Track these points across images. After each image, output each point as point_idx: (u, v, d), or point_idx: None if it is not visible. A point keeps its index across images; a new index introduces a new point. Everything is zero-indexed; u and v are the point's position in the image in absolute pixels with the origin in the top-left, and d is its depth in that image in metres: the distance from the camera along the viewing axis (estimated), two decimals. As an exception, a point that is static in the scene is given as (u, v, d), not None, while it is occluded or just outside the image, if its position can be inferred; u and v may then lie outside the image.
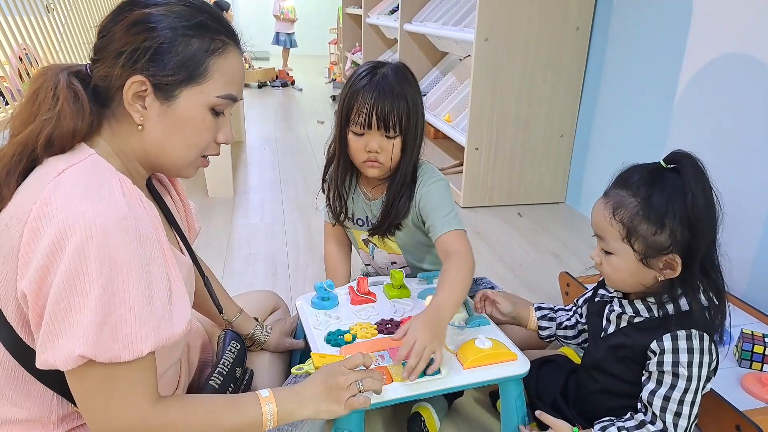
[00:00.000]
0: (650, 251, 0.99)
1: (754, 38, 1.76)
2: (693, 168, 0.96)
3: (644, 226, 0.98)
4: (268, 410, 0.89)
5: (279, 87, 7.07)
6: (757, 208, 1.76)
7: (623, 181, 1.03)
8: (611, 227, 1.01)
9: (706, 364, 1.00)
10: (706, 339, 1.00)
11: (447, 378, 1.08)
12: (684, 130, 2.08)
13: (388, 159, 1.32)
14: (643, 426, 1.02)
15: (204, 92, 0.83)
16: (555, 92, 2.70)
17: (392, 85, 1.27)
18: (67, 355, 0.71)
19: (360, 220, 1.49)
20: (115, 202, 0.74)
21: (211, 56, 0.82)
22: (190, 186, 3.02)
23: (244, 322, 1.27)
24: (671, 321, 1.01)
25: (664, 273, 1.01)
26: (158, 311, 0.76)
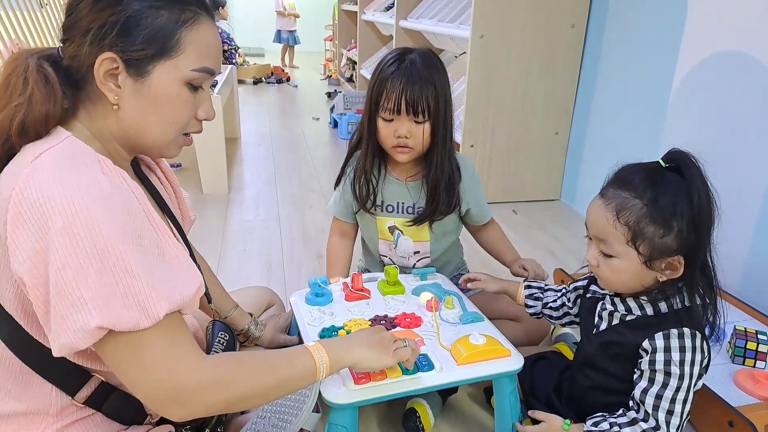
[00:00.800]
0: (656, 253, 0.97)
1: (750, 36, 1.77)
2: (696, 169, 0.95)
3: (651, 229, 0.96)
4: (319, 356, 0.89)
5: (274, 83, 7.05)
6: (751, 205, 1.77)
7: (623, 181, 1.00)
8: (615, 230, 0.98)
9: (698, 363, 1.00)
10: (698, 337, 1.00)
11: (441, 374, 1.08)
12: (678, 127, 2.08)
13: (418, 143, 1.36)
14: (635, 423, 1.02)
15: (178, 66, 0.80)
16: (550, 90, 2.71)
17: (420, 71, 1.30)
18: (83, 330, 0.69)
19: (390, 206, 1.48)
20: (95, 179, 0.73)
21: (182, 27, 0.79)
22: (184, 182, 3.01)
23: (239, 317, 1.27)
24: (663, 319, 1.01)
25: (666, 274, 1.00)
26: (163, 276, 0.74)
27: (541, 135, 2.79)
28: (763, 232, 1.74)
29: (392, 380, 1.05)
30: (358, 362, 0.95)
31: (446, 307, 1.29)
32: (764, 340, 1.38)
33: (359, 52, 5.60)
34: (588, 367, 1.15)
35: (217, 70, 0.87)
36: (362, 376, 1.04)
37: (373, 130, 1.39)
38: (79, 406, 0.85)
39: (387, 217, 1.50)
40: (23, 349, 0.80)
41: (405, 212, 1.49)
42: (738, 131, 1.82)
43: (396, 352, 0.98)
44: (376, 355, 0.95)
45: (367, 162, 1.44)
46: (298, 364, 0.87)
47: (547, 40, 2.61)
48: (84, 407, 0.86)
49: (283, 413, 1.04)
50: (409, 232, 1.50)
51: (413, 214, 1.48)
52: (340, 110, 4.41)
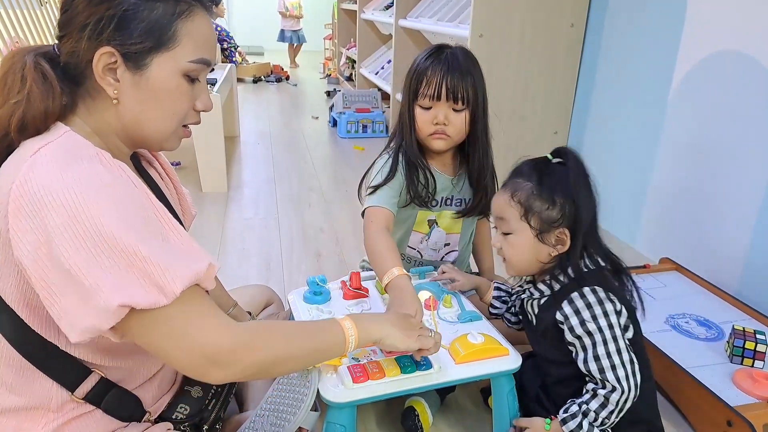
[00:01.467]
0: (545, 226, 1.11)
1: (749, 36, 1.77)
2: (575, 159, 1.13)
3: (538, 203, 1.11)
4: (349, 328, 0.92)
5: (273, 82, 7.05)
6: (749, 205, 1.77)
7: (517, 171, 1.18)
8: (511, 207, 1.13)
9: (611, 312, 1.07)
10: (598, 290, 1.07)
11: (439, 372, 1.08)
12: (677, 126, 2.08)
13: (456, 131, 1.37)
14: (597, 394, 1.06)
15: (175, 58, 0.81)
16: (549, 89, 2.71)
17: (461, 62, 1.34)
18: (106, 310, 0.69)
19: (435, 201, 1.48)
20: (94, 171, 0.73)
21: (178, 20, 0.80)
22: (183, 180, 2.99)
23: (238, 315, 1.27)
24: (564, 290, 1.11)
25: (557, 248, 1.12)
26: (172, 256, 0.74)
27: (540, 134, 2.79)
28: (761, 231, 1.74)
29: (390, 379, 1.05)
30: (384, 338, 0.98)
31: (444, 306, 1.29)
32: (762, 339, 1.39)
33: (358, 51, 5.59)
34: (544, 364, 1.19)
35: (214, 61, 0.88)
36: (360, 374, 1.04)
37: (412, 122, 1.39)
38: (78, 401, 0.85)
39: (431, 210, 1.50)
40: (24, 343, 0.80)
41: (445, 204, 1.50)
42: (737, 130, 1.82)
43: (420, 338, 1.01)
44: (402, 336, 0.99)
45: (417, 153, 1.41)
46: (329, 333, 0.91)
47: (546, 39, 2.60)
48: (84, 403, 0.86)
49: (281, 411, 1.04)
50: (444, 224, 1.51)
51: (451, 206, 1.50)
52: (339, 109, 4.40)
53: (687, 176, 2.04)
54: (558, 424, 1.10)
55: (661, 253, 2.06)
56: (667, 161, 2.14)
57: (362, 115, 4.24)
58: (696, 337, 1.52)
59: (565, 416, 1.09)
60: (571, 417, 1.08)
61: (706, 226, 1.95)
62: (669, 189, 2.13)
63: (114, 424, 0.90)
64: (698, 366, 1.38)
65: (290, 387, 1.06)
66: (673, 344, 1.46)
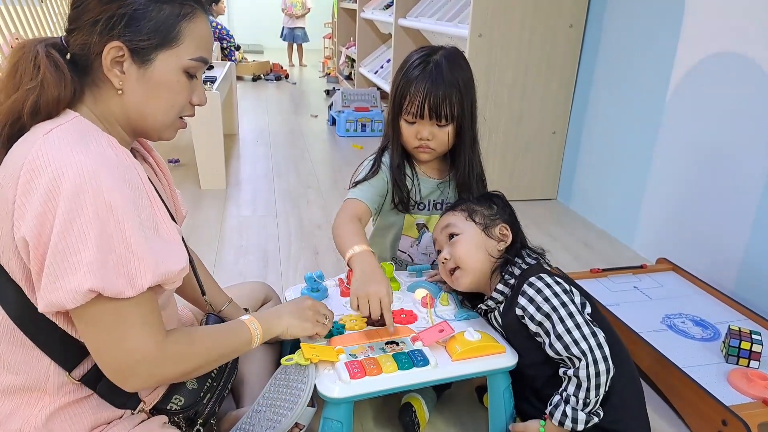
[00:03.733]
0: (488, 220, 1.25)
1: (746, 36, 1.77)
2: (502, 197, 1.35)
3: (480, 207, 1.28)
4: (254, 327, 1.01)
5: (272, 80, 7.05)
6: (746, 206, 1.78)
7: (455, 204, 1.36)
8: (455, 215, 1.28)
9: (561, 292, 1.10)
10: (544, 276, 1.13)
11: (436, 369, 1.09)
12: (675, 128, 2.09)
13: (440, 145, 1.38)
14: (570, 377, 1.07)
15: (178, 55, 0.88)
16: (548, 89, 2.71)
17: (444, 75, 1.31)
18: (75, 291, 0.75)
19: (422, 204, 1.49)
20: (103, 152, 0.79)
21: (182, 20, 0.87)
22: (182, 178, 3.02)
23: (234, 312, 1.27)
24: (516, 287, 1.15)
25: (501, 243, 1.24)
26: (154, 249, 0.80)
27: (538, 134, 2.79)
28: (758, 232, 1.75)
29: (387, 375, 1.05)
30: (286, 330, 1.07)
31: (441, 304, 1.30)
32: (758, 339, 1.39)
33: (358, 50, 5.60)
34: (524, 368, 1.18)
35: (210, 60, 0.95)
36: (358, 370, 1.04)
37: (397, 131, 1.40)
38: (75, 383, 0.87)
39: (419, 214, 1.50)
40: (23, 317, 0.83)
41: (434, 208, 1.50)
42: (734, 131, 1.83)
43: (316, 324, 1.11)
44: (300, 323, 1.08)
45: (401, 161, 1.43)
46: (237, 337, 0.99)
47: (545, 39, 2.61)
48: (80, 386, 0.88)
49: (278, 407, 1.04)
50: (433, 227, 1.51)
51: (440, 210, 1.48)
52: (338, 108, 4.41)
53: (684, 177, 2.04)
54: (551, 424, 1.10)
55: (658, 253, 2.06)
56: (665, 162, 2.14)
57: (361, 114, 4.24)
58: (692, 337, 1.53)
59: (551, 409, 1.09)
60: (555, 408, 1.08)
61: (703, 227, 1.95)
62: (666, 190, 2.14)
63: (109, 412, 0.91)
64: (694, 366, 1.39)
65: (287, 383, 1.06)
66: (669, 344, 1.47)
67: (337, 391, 1.02)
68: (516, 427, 1.18)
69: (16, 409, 0.85)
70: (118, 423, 0.92)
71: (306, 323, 1.09)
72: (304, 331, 1.09)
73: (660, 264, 1.96)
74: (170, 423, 0.99)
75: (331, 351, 1.09)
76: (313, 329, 1.10)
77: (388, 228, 1.54)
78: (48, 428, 0.85)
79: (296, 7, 8.24)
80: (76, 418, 0.88)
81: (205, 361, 0.93)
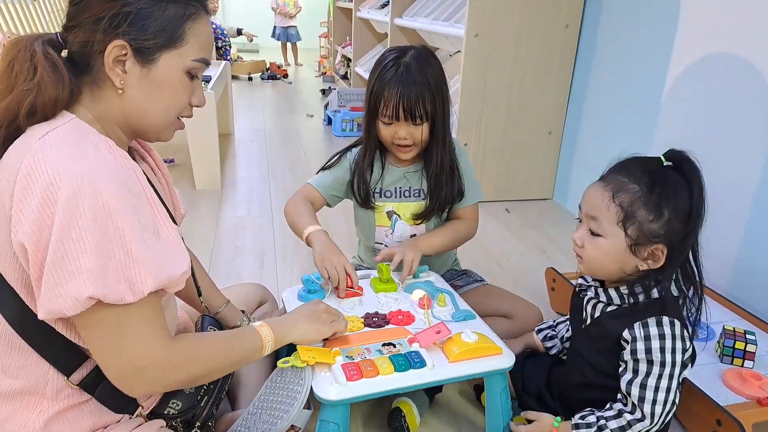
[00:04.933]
0: (642, 238, 1.00)
1: (742, 37, 1.78)
2: (694, 170, 1.00)
3: (642, 213, 0.99)
4: (266, 334, 0.99)
5: (268, 80, 7.04)
6: (740, 206, 1.78)
7: (624, 168, 1.04)
8: (608, 209, 1.02)
9: (680, 350, 1.02)
10: (677, 325, 1.02)
11: (433, 371, 1.08)
12: (671, 127, 2.09)
13: (419, 141, 1.41)
14: (621, 415, 1.04)
15: (181, 56, 0.87)
16: (544, 89, 2.71)
17: (415, 76, 1.34)
18: (75, 299, 0.73)
19: (388, 191, 1.52)
20: (101, 156, 0.78)
21: (187, 21, 0.86)
22: (177, 178, 3.00)
23: (231, 314, 1.27)
24: (642, 309, 1.04)
25: (647, 263, 1.03)
26: (155, 254, 0.79)
27: (534, 134, 2.79)
28: (752, 232, 1.75)
29: (384, 377, 1.05)
30: (300, 336, 1.06)
31: (438, 305, 1.30)
32: (752, 339, 1.40)
33: (354, 49, 5.59)
34: (578, 363, 1.16)
35: (210, 60, 0.94)
36: (354, 372, 1.04)
37: (373, 132, 1.44)
38: (74, 388, 0.87)
39: (385, 202, 1.53)
40: (22, 323, 0.82)
41: (402, 196, 1.53)
42: (729, 131, 1.84)
43: (332, 324, 1.10)
44: (316, 328, 1.08)
45: (365, 160, 1.49)
46: (248, 344, 0.98)
47: (541, 39, 2.61)
48: (79, 390, 0.87)
49: (274, 409, 1.04)
50: (406, 216, 1.53)
51: (410, 197, 1.52)
52: (334, 107, 4.40)
53: (680, 177, 2.05)
54: (568, 426, 1.09)
55: (653, 253, 2.07)
56: (660, 162, 2.15)
57: (357, 114, 4.23)
58: (687, 337, 1.53)
59: (579, 422, 1.07)
60: (585, 426, 1.06)
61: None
62: (662, 190, 2.14)
63: (107, 416, 0.91)
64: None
65: (283, 385, 1.06)
66: (664, 344, 1.47)
67: (334, 393, 1.02)
68: (528, 414, 1.17)
69: (15, 414, 0.85)
70: (116, 427, 0.91)
71: (322, 326, 1.09)
72: (320, 334, 1.09)
73: (655, 264, 1.95)
74: (168, 427, 0.98)
75: (327, 353, 1.08)
76: (329, 330, 1.10)
77: (362, 222, 1.60)
78: None
79: (289, 6, 8.18)
80: (74, 423, 0.87)
81: (213, 368, 0.92)
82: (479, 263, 2.16)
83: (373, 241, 1.59)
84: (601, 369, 1.11)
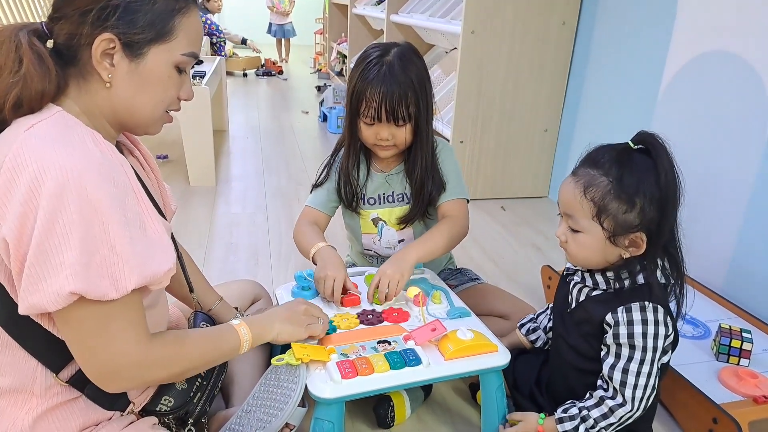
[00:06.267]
0: (619, 229, 1.01)
1: (739, 35, 1.78)
2: (663, 149, 0.98)
3: (615, 205, 0.99)
4: (243, 333, 1.00)
5: (262, 76, 7.02)
6: (736, 204, 1.78)
7: (592, 160, 1.05)
8: (581, 206, 1.03)
9: (662, 336, 1.02)
10: (660, 311, 1.02)
11: (428, 369, 1.08)
12: (667, 125, 2.09)
13: (401, 142, 1.38)
14: (603, 402, 1.04)
15: (170, 50, 0.86)
16: (540, 86, 2.71)
17: (398, 76, 1.30)
18: (57, 294, 0.73)
19: (372, 198, 1.50)
20: (87, 150, 0.77)
21: (177, 15, 0.85)
22: (171, 174, 2.99)
23: (224, 310, 1.26)
24: (626, 294, 1.04)
25: (629, 250, 1.03)
26: (140, 250, 0.78)
27: (530, 132, 2.79)
28: (748, 230, 1.75)
29: (379, 375, 1.04)
30: (276, 336, 1.06)
31: (433, 302, 1.29)
32: (748, 338, 1.39)
33: (349, 46, 5.57)
34: (563, 348, 1.16)
35: (199, 54, 0.94)
36: (349, 370, 1.03)
37: (355, 132, 1.41)
38: (63, 385, 0.86)
39: (369, 209, 1.50)
40: (8, 318, 0.81)
41: (386, 201, 1.50)
42: (725, 129, 1.83)
43: (308, 327, 1.10)
44: (292, 329, 1.07)
45: (350, 162, 1.46)
46: (226, 343, 0.98)
47: (537, 37, 2.61)
48: (68, 387, 0.86)
49: (268, 407, 1.03)
50: (392, 222, 1.50)
51: (393, 202, 1.49)
52: (329, 104, 4.39)
53: (675, 175, 2.04)
54: (552, 422, 1.09)
55: (648, 251, 2.07)
56: (656, 160, 2.14)
57: (352, 111, 4.22)
58: (683, 335, 1.53)
59: (562, 416, 1.08)
60: (569, 418, 1.07)
61: (692, 226, 1.95)
62: (657, 188, 2.14)
63: (98, 414, 0.90)
64: (684, 364, 1.39)
65: (278, 383, 1.05)
66: (660, 342, 1.47)
67: (329, 391, 1.01)
68: (514, 416, 1.17)
69: (3, 411, 0.84)
70: (107, 424, 0.90)
71: (298, 328, 1.08)
72: (296, 336, 1.08)
73: (651, 262, 1.95)
74: (160, 424, 0.97)
75: (322, 351, 1.08)
76: (304, 334, 1.09)
77: (351, 228, 1.58)
78: (35, 430, 0.84)
79: (284, 4, 8.15)
80: (63, 421, 0.86)
81: (192, 365, 0.93)
82: (474, 261, 2.15)
83: (361, 248, 1.58)
84: (584, 353, 1.11)
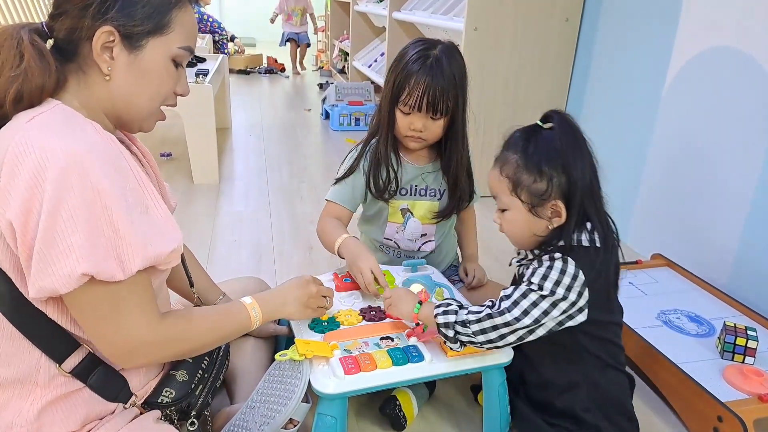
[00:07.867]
0: (535, 199, 1.07)
1: (744, 31, 1.77)
2: (563, 121, 1.07)
3: (525, 176, 1.06)
4: (255, 313, 1.03)
5: (265, 74, 7.01)
6: (741, 202, 1.78)
7: (507, 143, 1.13)
8: (500, 183, 1.10)
9: (564, 285, 1.01)
10: (570, 264, 1.02)
11: (431, 365, 1.08)
12: (671, 123, 2.08)
13: (431, 136, 1.41)
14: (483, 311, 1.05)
15: (167, 43, 0.88)
16: (543, 83, 2.70)
17: (444, 70, 1.34)
18: (69, 276, 0.75)
19: (404, 189, 1.50)
20: (89, 137, 0.79)
21: (174, 8, 0.88)
22: (174, 172, 2.99)
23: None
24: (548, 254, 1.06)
25: (553, 221, 1.08)
26: (142, 233, 0.80)
27: (533, 129, 2.78)
28: (752, 228, 1.75)
29: (382, 371, 1.04)
30: (286, 315, 1.11)
31: (437, 299, 1.29)
32: (753, 336, 1.39)
33: (351, 43, 5.57)
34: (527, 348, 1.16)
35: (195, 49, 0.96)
36: (352, 366, 1.03)
37: (392, 121, 1.41)
38: (66, 376, 0.86)
39: (401, 199, 1.51)
40: (13, 308, 0.82)
41: (418, 194, 1.51)
42: (730, 126, 1.83)
43: (318, 309, 1.15)
44: (300, 309, 1.11)
45: (387, 149, 1.45)
46: (236, 320, 1.01)
47: (540, 33, 2.60)
48: (71, 379, 0.87)
49: (272, 403, 1.03)
50: (419, 214, 1.51)
51: (425, 196, 1.51)
52: (331, 101, 4.38)
53: (679, 173, 2.04)
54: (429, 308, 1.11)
55: (652, 249, 2.06)
56: (660, 157, 2.14)
57: (355, 108, 4.22)
58: (687, 333, 1.53)
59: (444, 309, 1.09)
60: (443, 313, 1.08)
61: (697, 223, 1.95)
62: (661, 185, 2.14)
63: (101, 406, 0.90)
64: (689, 362, 1.38)
65: (281, 379, 1.06)
66: (664, 340, 1.46)
67: (332, 386, 1.01)
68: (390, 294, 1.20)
69: (8, 402, 0.84)
70: (111, 418, 0.90)
71: (308, 310, 1.13)
72: (305, 315, 1.13)
73: (655, 260, 1.95)
74: (163, 417, 0.97)
75: (325, 346, 1.08)
76: (314, 314, 1.15)
77: (374, 215, 1.56)
78: (40, 421, 0.84)
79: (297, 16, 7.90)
80: (68, 412, 0.87)
81: (202, 343, 0.96)
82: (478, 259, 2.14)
83: (382, 237, 1.57)
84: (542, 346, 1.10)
